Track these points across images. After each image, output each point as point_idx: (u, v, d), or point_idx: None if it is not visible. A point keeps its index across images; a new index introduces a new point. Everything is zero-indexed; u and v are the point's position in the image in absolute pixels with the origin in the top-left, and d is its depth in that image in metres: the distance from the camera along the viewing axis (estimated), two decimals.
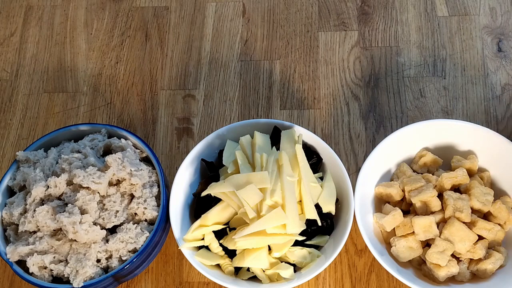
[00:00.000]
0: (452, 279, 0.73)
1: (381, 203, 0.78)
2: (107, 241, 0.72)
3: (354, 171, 0.84)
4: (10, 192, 0.77)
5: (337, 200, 0.75)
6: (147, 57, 0.96)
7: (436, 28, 0.95)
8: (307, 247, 0.73)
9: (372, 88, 0.91)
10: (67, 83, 0.95)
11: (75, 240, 0.71)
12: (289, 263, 0.72)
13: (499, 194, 0.78)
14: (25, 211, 0.73)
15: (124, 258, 0.72)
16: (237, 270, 0.73)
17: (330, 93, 0.91)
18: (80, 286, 0.69)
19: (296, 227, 0.69)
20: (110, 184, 0.75)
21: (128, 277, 0.75)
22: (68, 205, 0.71)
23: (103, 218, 0.72)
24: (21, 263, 0.72)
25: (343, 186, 0.75)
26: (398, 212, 0.74)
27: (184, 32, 0.98)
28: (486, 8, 0.97)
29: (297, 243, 0.71)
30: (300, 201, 0.72)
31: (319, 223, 0.72)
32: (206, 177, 0.78)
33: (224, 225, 0.72)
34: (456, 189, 0.77)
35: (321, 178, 0.77)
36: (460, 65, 0.92)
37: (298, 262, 0.72)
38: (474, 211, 0.74)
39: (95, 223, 0.72)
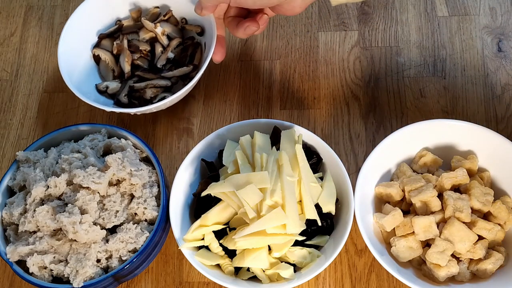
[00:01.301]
0: (452, 279, 0.73)
1: (381, 203, 0.78)
2: (107, 241, 0.72)
3: (354, 171, 0.84)
4: (10, 192, 0.77)
5: (337, 200, 0.75)
6: None
7: (436, 28, 0.95)
8: (307, 247, 0.73)
9: (372, 88, 0.91)
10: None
11: (75, 240, 0.71)
12: (289, 263, 0.72)
13: (499, 194, 0.78)
14: (25, 211, 0.73)
15: (124, 258, 0.72)
16: (237, 270, 0.73)
17: (330, 93, 0.91)
18: (80, 286, 0.69)
19: (296, 227, 0.69)
20: (110, 184, 0.75)
21: (128, 277, 0.75)
22: (68, 205, 0.71)
23: (103, 218, 0.72)
24: (21, 263, 0.72)
25: (343, 186, 0.75)
26: (398, 212, 0.74)
27: None
28: (486, 8, 0.96)
29: (297, 243, 0.71)
30: (300, 201, 0.72)
31: (319, 223, 0.72)
32: (206, 177, 0.78)
33: (224, 225, 0.72)
34: (456, 189, 0.77)
35: (321, 178, 0.77)
36: (460, 65, 0.92)
37: (298, 262, 0.72)
38: (474, 211, 0.74)
39: (95, 223, 0.72)
